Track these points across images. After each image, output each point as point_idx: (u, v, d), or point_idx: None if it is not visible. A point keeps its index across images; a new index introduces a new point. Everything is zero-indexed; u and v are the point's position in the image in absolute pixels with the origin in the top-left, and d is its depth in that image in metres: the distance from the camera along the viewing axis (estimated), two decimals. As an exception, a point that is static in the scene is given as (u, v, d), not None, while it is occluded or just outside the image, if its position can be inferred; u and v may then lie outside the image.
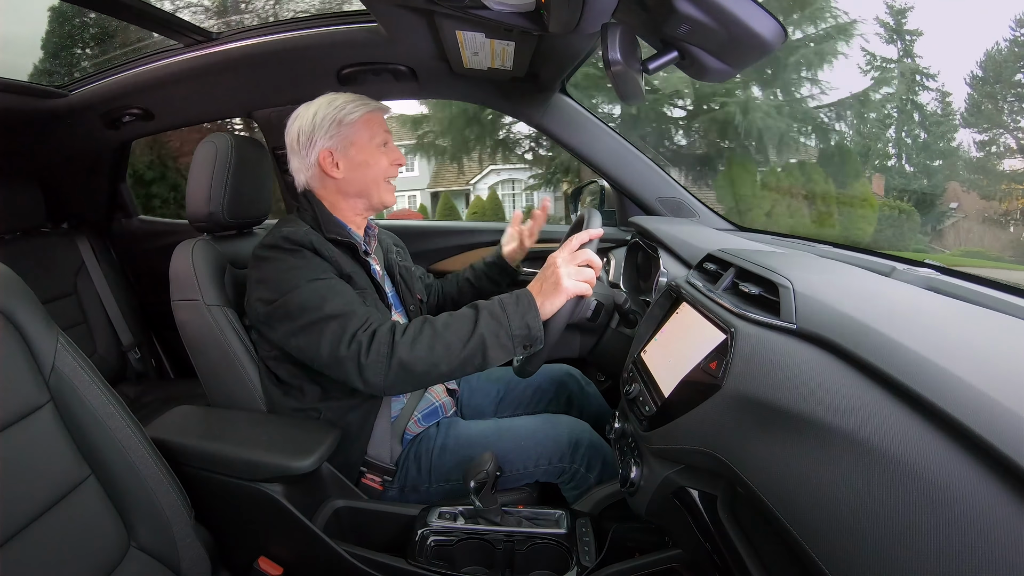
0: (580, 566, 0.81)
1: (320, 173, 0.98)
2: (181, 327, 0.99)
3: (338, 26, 1.21)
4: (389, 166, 1.00)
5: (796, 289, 0.59)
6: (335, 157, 0.97)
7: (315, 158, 0.97)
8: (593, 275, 0.84)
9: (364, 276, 0.95)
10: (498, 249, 1.24)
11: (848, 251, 0.95)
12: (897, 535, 0.34)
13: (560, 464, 0.97)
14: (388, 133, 1.02)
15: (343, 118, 0.97)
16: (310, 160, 0.98)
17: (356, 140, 0.97)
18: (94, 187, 1.85)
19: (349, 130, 0.97)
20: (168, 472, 0.78)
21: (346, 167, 0.98)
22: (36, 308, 0.70)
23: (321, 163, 0.97)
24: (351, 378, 0.81)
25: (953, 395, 0.37)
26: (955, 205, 7.46)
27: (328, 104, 0.98)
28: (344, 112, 0.97)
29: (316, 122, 0.97)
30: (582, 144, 1.40)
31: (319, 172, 0.98)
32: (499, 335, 0.79)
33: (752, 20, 0.53)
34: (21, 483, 0.64)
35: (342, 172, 0.98)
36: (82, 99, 1.50)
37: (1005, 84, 7.24)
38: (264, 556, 0.91)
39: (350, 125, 0.97)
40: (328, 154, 0.97)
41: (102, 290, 1.79)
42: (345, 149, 0.97)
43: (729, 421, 0.55)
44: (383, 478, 0.97)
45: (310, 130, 0.97)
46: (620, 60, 0.58)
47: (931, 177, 7.62)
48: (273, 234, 0.90)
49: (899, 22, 7.36)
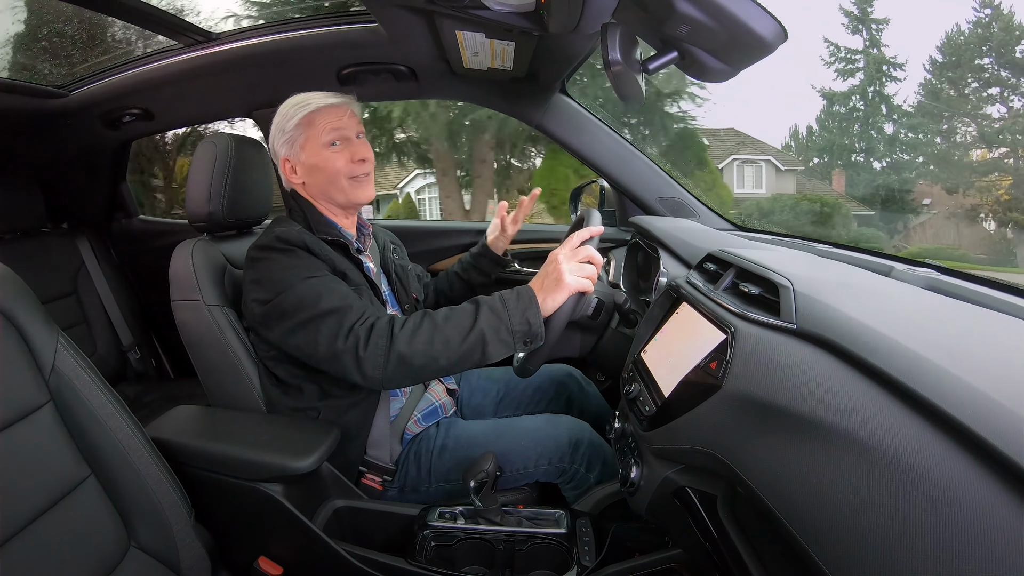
0: (580, 566, 0.81)
1: (287, 179, 1.01)
2: (181, 327, 0.99)
3: (338, 26, 1.21)
4: (347, 163, 0.96)
5: (796, 289, 0.59)
6: (292, 163, 0.98)
7: (279, 166, 1.00)
8: (595, 271, 0.84)
9: (358, 274, 0.95)
10: (483, 239, 1.25)
11: (848, 251, 0.95)
12: (897, 535, 0.34)
13: (560, 464, 0.97)
14: (339, 130, 0.96)
15: (285, 124, 0.97)
16: (280, 167, 1.01)
17: (304, 144, 0.97)
18: (94, 187, 1.84)
19: (294, 134, 0.97)
20: (168, 472, 0.78)
21: (303, 172, 0.98)
22: (36, 308, 0.70)
23: (284, 170, 0.99)
24: (349, 372, 0.81)
25: (953, 395, 0.37)
26: (927, 202, 7.36)
27: (279, 112, 0.99)
28: (285, 118, 0.97)
29: (274, 133, 0.99)
30: (582, 144, 1.40)
31: (287, 179, 1.01)
32: (499, 330, 0.79)
33: (752, 20, 0.53)
34: (21, 483, 0.64)
35: (300, 177, 0.99)
36: (82, 99, 1.50)
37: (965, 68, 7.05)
38: (264, 556, 0.91)
39: (294, 130, 0.97)
40: (285, 161, 0.98)
41: (102, 290, 1.79)
42: (297, 155, 0.98)
43: (729, 421, 0.55)
44: (383, 478, 0.97)
45: (273, 140, 0.99)
46: (620, 60, 0.58)
47: (899, 172, 7.47)
48: (266, 235, 0.91)
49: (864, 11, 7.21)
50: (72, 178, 1.81)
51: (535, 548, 0.85)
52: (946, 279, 0.69)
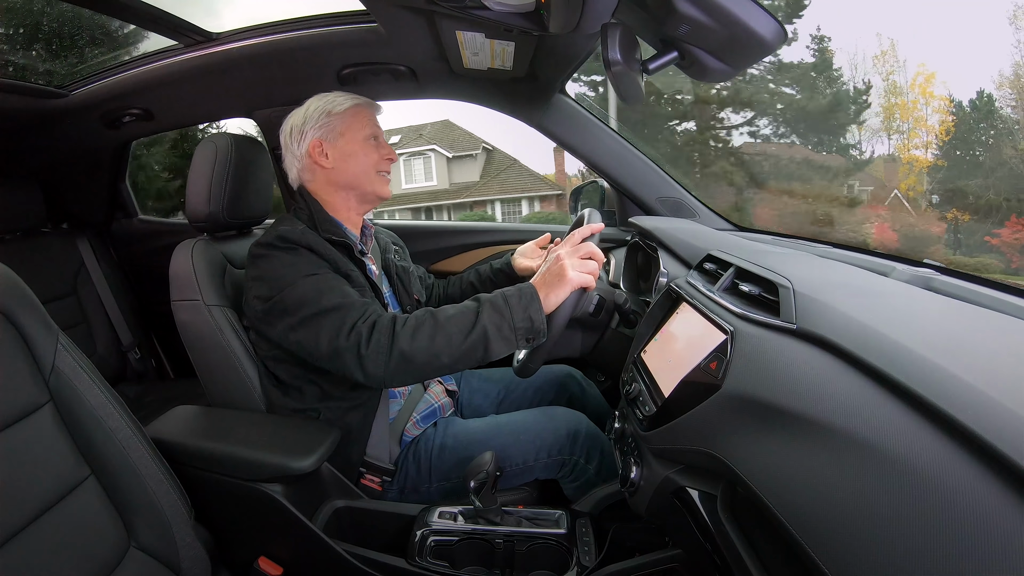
0: (580, 566, 0.81)
1: (311, 163, 0.99)
2: (181, 327, 0.99)
3: (338, 26, 1.21)
4: (380, 160, 1.01)
5: (796, 289, 0.59)
6: (324, 147, 0.98)
7: (306, 148, 0.99)
8: (596, 267, 0.84)
9: (360, 276, 0.95)
10: (508, 257, 1.21)
11: (848, 251, 0.95)
12: (897, 535, 0.34)
13: (560, 456, 0.98)
14: (378, 128, 1.03)
15: (332, 108, 0.99)
16: (301, 151, 0.99)
17: (345, 131, 0.99)
18: (94, 187, 1.85)
19: (337, 120, 0.98)
20: (168, 472, 0.78)
21: (335, 157, 0.99)
22: (36, 308, 0.70)
23: (311, 152, 0.98)
24: (351, 370, 0.81)
25: (953, 395, 0.37)
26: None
27: (319, 98, 1.01)
28: (334, 104, 0.99)
29: (307, 115, 0.99)
30: (582, 144, 1.40)
31: (310, 163, 0.99)
32: (501, 328, 0.79)
33: (752, 20, 0.53)
34: (21, 483, 0.64)
35: (331, 162, 0.99)
36: (82, 99, 1.50)
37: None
38: (264, 556, 0.91)
39: (339, 115, 0.99)
40: (318, 143, 0.98)
41: (102, 290, 1.79)
42: (334, 139, 0.98)
43: (729, 421, 0.55)
44: (382, 479, 0.97)
45: (301, 123, 0.99)
46: (620, 60, 0.58)
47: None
48: (269, 233, 0.90)
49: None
50: (72, 178, 1.81)
51: (535, 548, 0.85)
52: (946, 279, 0.69)
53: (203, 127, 5.31)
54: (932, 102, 7.97)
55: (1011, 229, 5.67)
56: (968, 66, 10.85)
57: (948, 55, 11.19)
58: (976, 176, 6.93)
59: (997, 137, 7.02)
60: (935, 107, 7.93)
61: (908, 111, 8.28)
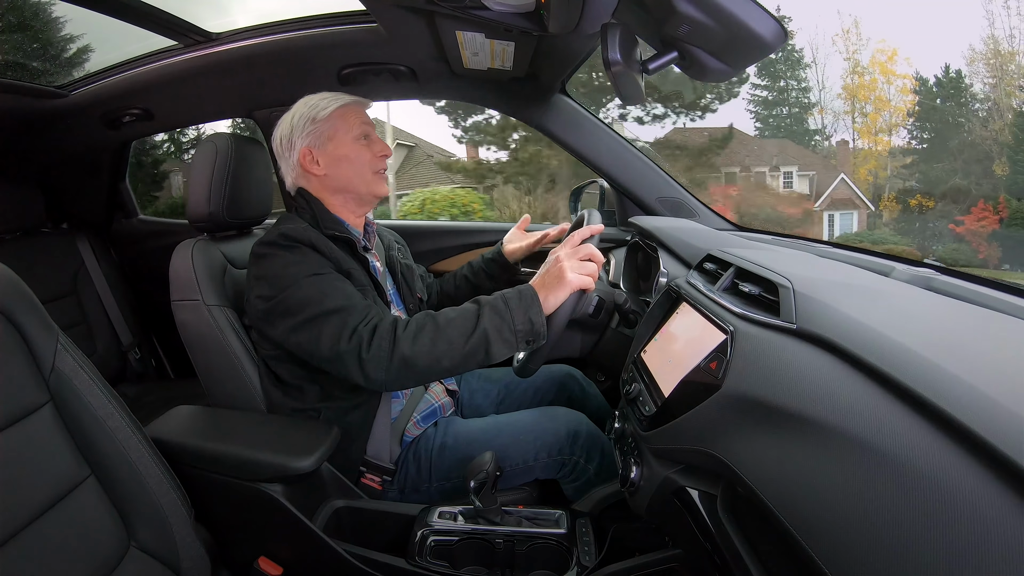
0: (580, 566, 0.81)
1: (304, 172, 0.99)
2: (181, 327, 0.99)
3: (338, 26, 1.21)
4: (373, 158, 1.00)
5: (796, 289, 0.59)
6: (314, 154, 0.98)
7: (296, 158, 0.98)
8: (596, 269, 0.84)
9: (363, 273, 0.95)
10: (499, 246, 1.24)
11: (848, 251, 0.95)
12: (897, 535, 0.34)
13: (560, 456, 0.97)
14: (368, 125, 1.01)
15: (316, 115, 0.97)
16: (293, 160, 0.99)
17: (333, 135, 0.98)
18: (94, 187, 1.85)
19: (324, 125, 0.97)
20: (168, 472, 0.78)
21: (326, 163, 0.98)
22: (36, 308, 0.70)
23: (302, 162, 0.98)
24: (352, 373, 0.81)
25: (953, 395, 0.37)
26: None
27: (303, 104, 0.99)
28: (317, 109, 0.98)
29: (293, 123, 0.98)
30: (582, 144, 1.40)
31: (302, 172, 0.99)
32: (502, 330, 0.79)
33: (752, 20, 0.53)
34: (21, 483, 0.64)
35: (323, 168, 0.98)
36: (82, 99, 1.50)
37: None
38: (264, 556, 0.91)
39: (324, 120, 0.97)
40: (307, 152, 0.98)
41: (102, 290, 1.79)
42: (323, 145, 0.98)
43: (729, 421, 0.55)
44: (383, 478, 0.97)
45: (289, 132, 0.98)
46: (620, 60, 0.58)
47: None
48: (272, 231, 0.90)
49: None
50: (72, 178, 1.81)
51: (535, 548, 0.85)
52: (946, 279, 0.69)
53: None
54: (895, 81, 7.86)
55: (976, 216, 5.51)
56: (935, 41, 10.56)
57: (913, 30, 10.90)
58: (943, 159, 6.81)
59: (966, 116, 6.91)
60: (899, 87, 7.80)
61: (867, 91, 8.15)
